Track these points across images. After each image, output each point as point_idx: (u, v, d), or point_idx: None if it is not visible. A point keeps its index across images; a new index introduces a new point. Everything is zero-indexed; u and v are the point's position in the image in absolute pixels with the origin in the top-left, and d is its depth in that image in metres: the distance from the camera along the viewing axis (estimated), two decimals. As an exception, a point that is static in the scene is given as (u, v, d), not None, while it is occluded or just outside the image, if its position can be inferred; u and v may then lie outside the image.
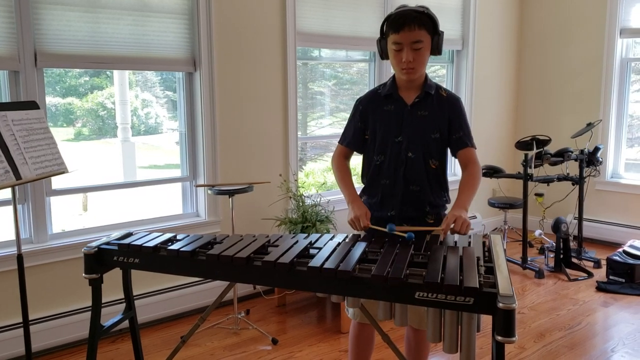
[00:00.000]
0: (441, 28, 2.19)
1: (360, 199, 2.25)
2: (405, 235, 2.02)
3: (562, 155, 4.60)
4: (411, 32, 2.09)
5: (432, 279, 1.64)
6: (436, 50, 2.18)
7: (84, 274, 2.10)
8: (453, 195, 2.26)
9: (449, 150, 2.32)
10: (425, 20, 2.11)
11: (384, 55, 2.23)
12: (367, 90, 2.44)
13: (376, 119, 2.27)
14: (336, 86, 4.70)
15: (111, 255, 2.10)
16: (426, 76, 2.26)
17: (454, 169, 5.45)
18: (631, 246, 4.42)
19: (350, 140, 2.34)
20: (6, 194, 3.04)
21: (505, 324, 1.51)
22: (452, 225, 2.00)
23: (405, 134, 2.22)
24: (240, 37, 3.78)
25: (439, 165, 2.26)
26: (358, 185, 2.37)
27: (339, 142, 2.39)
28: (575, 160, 4.68)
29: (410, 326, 2.38)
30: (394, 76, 2.27)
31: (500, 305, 1.50)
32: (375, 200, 2.29)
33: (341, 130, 2.41)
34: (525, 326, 3.53)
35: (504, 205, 4.82)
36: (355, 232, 2.18)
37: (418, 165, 2.22)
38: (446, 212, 2.27)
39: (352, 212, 2.16)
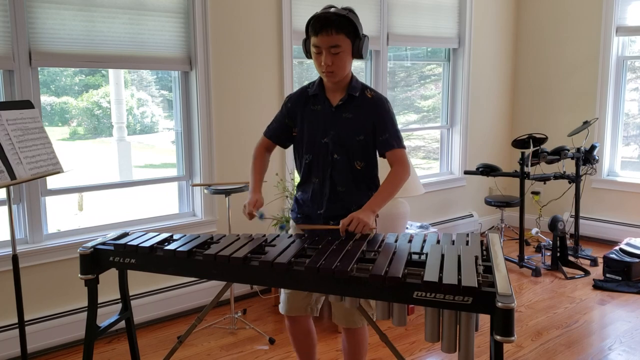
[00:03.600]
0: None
1: (259, 191, 2.27)
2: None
3: (559, 153, 4.61)
4: (328, 36, 2.09)
5: (430, 279, 1.63)
6: (357, 54, 2.17)
7: (79, 275, 2.09)
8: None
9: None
10: (344, 24, 2.10)
11: (308, 55, 2.23)
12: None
13: (304, 117, 2.29)
14: (332, 85, 4.68)
15: (107, 255, 2.09)
16: (352, 77, 2.26)
17: (450, 168, 5.45)
18: (627, 244, 4.43)
19: (273, 134, 2.37)
20: (1, 194, 3.02)
21: (504, 323, 1.51)
22: (348, 225, 2.03)
23: (331, 136, 2.23)
24: (236, 35, 3.77)
25: (365, 165, 2.26)
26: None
27: (263, 133, 2.41)
28: (572, 158, 4.69)
29: (340, 326, 2.37)
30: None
31: (499, 304, 1.50)
32: (307, 198, 2.32)
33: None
34: (522, 324, 3.53)
35: (501, 203, 4.82)
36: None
37: (343, 167, 2.24)
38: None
39: (246, 200, 2.22)
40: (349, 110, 2.23)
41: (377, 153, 2.30)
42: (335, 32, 2.08)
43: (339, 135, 2.22)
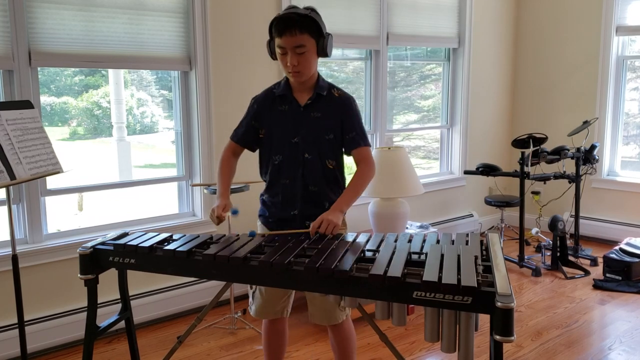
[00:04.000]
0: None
1: (227, 196, 2.27)
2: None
3: (559, 153, 4.61)
4: (292, 37, 2.10)
5: (429, 278, 1.63)
6: (322, 52, 2.19)
7: (79, 275, 2.09)
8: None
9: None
10: (308, 24, 2.11)
11: (273, 56, 2.24)
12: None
13: (272, 119, 2.30)
14: (332, 85, 4.69)
15: (107, 255, 2.08)
16: (318, 77, 2.28)
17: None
18: (627, 244, 4.43)
19: (241, 138, 2.37)
20: (1, 194, 3.02)
21: (503, 323, 1.51)
22: (318, 227, 2.05)
23: (301, 135, 2.24)
24: (236, 35, 3.77)
25: (336, 164, 2.29)
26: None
27: (230, 138, 2.41)
28: (572, 158, 4.69)
29: (323, 325, 2.38)
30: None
31: (498, 304, 1.50)
32: (277, 200, 2.31)
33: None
34: (522, 324, 3.53)
35: (501, 203, 4.82)
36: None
37: (315, 166, 2.25)
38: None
39: (214, 204, 2.22)
40: (317, 110, 2.25)
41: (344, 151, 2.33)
42: (299, 32, 2.09)
43: (309, 135, 2.24)
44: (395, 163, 3.74)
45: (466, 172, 4.97)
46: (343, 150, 2.31)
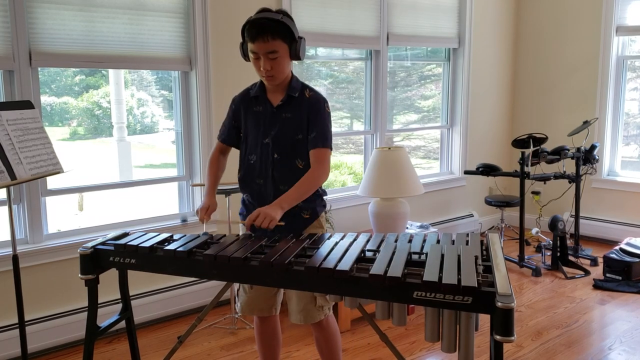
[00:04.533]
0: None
1: (212, 195, 2.31)
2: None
3: (559, 153, 4.61)
4: (265, 43, 2.11)
5: (430, 279, 1.63)
6: (295, 56, 2.20)
7: (79, 275, 2.09)
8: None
9: None
10: (280, 29, 2.12)
11: (246, 58, 2.25)
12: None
13: (247, 119, 2.33)
14: (332, 85, 4.69)
15: (107, 255, 2.08)
16: (292, 78, 2.29)
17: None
18: (628, 244, 4.43)
19: (225, 137, 2.42)
20: (1, 194, 3.02)
21: (504, 323, 1.51)
22: (254, 220, 2.06)
23: (271, 136, 2.27)
24: (236, 35, 3.75)
25: (306, 165, 2.29)
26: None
27: (217, 137, 2.46)
28: (572, 158, 4.69)
29: (302, 324, 2.38)
30: None
31: (499, 304, 1.50)
32: (253, 200, 2.34)
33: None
34: (522, 324, 3.53)
35: (501, 203, 4.82)
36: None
37: (285, 166, 2.27)
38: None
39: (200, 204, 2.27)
40: (288, 111, 2.27)
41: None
42: (272, 38, 2.10)
43: (280, 135, 2.26)
44: (395, 163, 3.75)
45: (466, 172, 4.97)
46: None
